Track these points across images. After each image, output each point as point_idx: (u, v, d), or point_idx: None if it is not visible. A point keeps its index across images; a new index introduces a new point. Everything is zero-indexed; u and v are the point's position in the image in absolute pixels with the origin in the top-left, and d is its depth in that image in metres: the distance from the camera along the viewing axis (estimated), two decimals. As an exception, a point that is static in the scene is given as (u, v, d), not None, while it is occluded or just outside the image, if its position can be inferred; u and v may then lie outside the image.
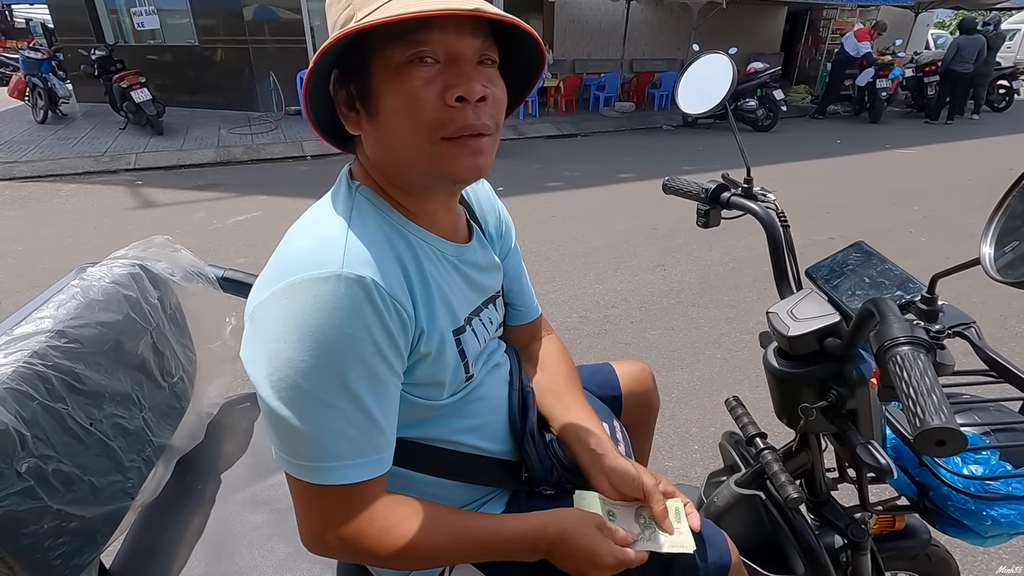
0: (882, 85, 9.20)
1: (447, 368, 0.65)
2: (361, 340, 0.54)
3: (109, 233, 4.10)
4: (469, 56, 0.57)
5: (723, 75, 0.96)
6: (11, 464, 0.65)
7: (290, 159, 6.55)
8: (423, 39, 0.55)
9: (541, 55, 0.64)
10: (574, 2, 10.63)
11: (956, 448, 0.44)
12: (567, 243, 3.87)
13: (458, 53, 0.56)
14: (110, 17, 9.14)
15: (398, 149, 0.60)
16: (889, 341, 0.52)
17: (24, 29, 16.56)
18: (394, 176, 0.63)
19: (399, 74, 0.56)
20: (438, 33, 0.55)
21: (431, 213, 0.67)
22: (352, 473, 0.57)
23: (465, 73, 0.56)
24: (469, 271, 0.72)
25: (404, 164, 0.61)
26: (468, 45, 0.57)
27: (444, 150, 0.58)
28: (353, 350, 0.54)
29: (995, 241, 0.52)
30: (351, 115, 0.61)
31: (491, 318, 0.76)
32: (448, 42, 0.56)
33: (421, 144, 0.58)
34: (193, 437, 1.06)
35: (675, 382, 2.34)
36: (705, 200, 1.00)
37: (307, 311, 0.53)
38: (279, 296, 0.54)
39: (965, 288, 2.98)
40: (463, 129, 0.57)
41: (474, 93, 0.56)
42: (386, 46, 0.56)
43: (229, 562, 0.83)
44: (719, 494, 0.96)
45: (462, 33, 0.56)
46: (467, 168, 0.60)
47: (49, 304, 0.84)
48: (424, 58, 0.56)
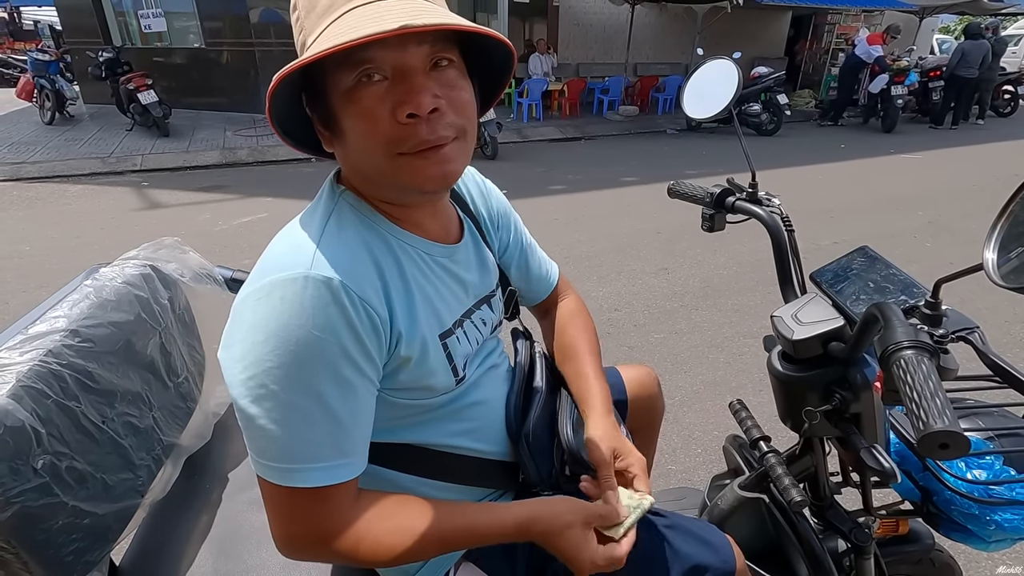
0: (897, 92, 8.76)
1: (433, 372, 0.65)
2: (326, 341, 0.54)
3: (115, 234, 4.12)
4: (417, 66, 0.56)
5: (728, 80, 0.97)
6: (27, 461, 0.66)
7: (295, 161, 6.58)
8: (367, 58, 0.54)
9: (508, 49, 0.63)
10: (578, 6, 10.66)
11: (959, 452, 0.45)
12: (570, 246, 3.89)
13: (405, 65, 0.55)
14: (117, 19, 9.20)
15: (363, 166, 0.61)
16: (893, 345, 0.52)
17: (32, 31, 16.69)
18: (369, 187, 0.64)
19: (349, 97, 0.56)
20: (381, 49, 0.54)
21: (417, 219, 0.68)
22: (315, 476, 0.56)
23: (414, 87, 0.55)
24: (460, 271, 0.72)
25: (372, 178, 0.62)
26: (414, 55, 0.56)
27: (404, 164, 0.58)
28: (318, 351, 0.54)
29: (998, 246, 0.52)
30: (325, 134, 0.62)
31: (484, 319, 0.76)
32: (392, 57, 0.55)
33: (381, 162, 0.58)
34: (201, 436, 1.07)
35: (679, 386, 2.35)
36: (710, 204, 1.01)
37: (274, 312, 0.53)
38: (250, 297, 0.55)
39: (969, 293, 2.98)
40: (418, 144, 0.57)
41: (423, 107, 0.55)
42: (334, 70, 0.55)
43: (236, 560, 0.84)
44: (723, 497, 0.96)
45: (405, 45, 0.55)
46: (431, 179, 0.59)
47: (63, 303, 0.85)
48: (372, 75, 0.55)
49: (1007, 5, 11.41)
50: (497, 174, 0.64)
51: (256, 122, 8.12)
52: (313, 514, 0.58)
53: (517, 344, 0.85)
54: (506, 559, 0.72)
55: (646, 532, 0.76)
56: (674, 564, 0.73)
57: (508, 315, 0.86)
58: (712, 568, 0.75)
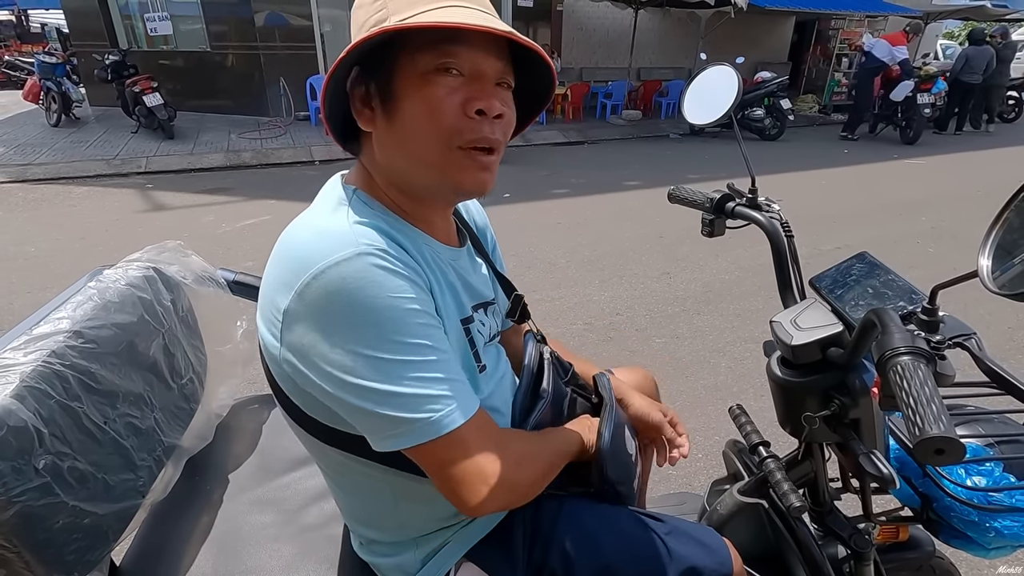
0: (924, 100, 8.05)
1: (460, 356, 0.67)
2: (403, 300, 0.56)
3: (120, 236, 4.14)
4: (491, 75, 0.61)
5: (729, 86, 0.97)
6: (30, 460, 0.66)
7: (299, 164, 6.61)
8: (452, 51, 0.58)
9: (551, 85, 0.68)
10: (582, 10, 10.69)
11: (955, 457, 0.45)
12: (573, 250, 3.88)
13: (482, 70, 0.60)
14: (124, 23, 9.27)
15: (411, 151, 0.62)
16: (890, 351, 0.52)
17: (40, 34, 16.80)
18: (398, 178, 0.65)
19: (424, 80, 0.59)
20: (467, 49, 0.58)
21: (428, 217, 0.69)
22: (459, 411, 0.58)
23: (487, 89, 0.60)
24: (464, 274, 0.74)
25: (413, 167, 0.63)
26: (492, 65, 0.61)
27: (456, 159, 0.61)
28: (402, 311, 0.56)
29: (993, 253, 0.53)
30: (366, 111, 0.63)
31: (483, 320, 0.77)
32: (475, 58, 0.59)
33: (436, 149, 0.60)
34: (202, 438, 1.08)
35: (679, 390, 2.34)
36: (710, 210, 1.01)
37: (344, 293, 0.54)
38: (305, 293, 0.55)
39: (972, 300, 2.97)
40: (478, 140, 0.60)
41: (494, 108, 0.60)
42: (416, 51, 0.58)
43: (236, 561, 0.84)
44: (722, 502, 0.96)
45: (488, 53, 0.60)
46: (473, 181, 0.63)
47: (67, 305, 0.86)
48: (450, 69, 0.59)
49: (1012, 11, 11.41)
50: (501, 177, 0.66)
51: (260, 125, 8.17)
52: (480, 447, 0.59)
53: (528, 346, 0.86)
54: (506, 559, 0.72)
55: (642, 533, 0.76)
56: (669, 566, 0.73)
57: (517, 319, 0.88)
58: (708, 570, 0.75)
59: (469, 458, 0.59)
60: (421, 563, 0.73)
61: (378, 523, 0.74)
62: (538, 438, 0.72)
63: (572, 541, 0.73)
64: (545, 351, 0.86)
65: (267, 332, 0.61)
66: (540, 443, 0.71)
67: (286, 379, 0.63)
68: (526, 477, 0.65)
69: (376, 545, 0.76)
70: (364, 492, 0.71)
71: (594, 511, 0.77)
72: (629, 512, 0.79)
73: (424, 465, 0.60)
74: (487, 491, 0.59)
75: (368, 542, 0.77)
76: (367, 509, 0.74)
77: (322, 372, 0.56)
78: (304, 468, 1.01)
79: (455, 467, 0.59)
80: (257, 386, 1.18)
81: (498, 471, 0.60)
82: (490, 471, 0.59)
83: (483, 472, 0.59)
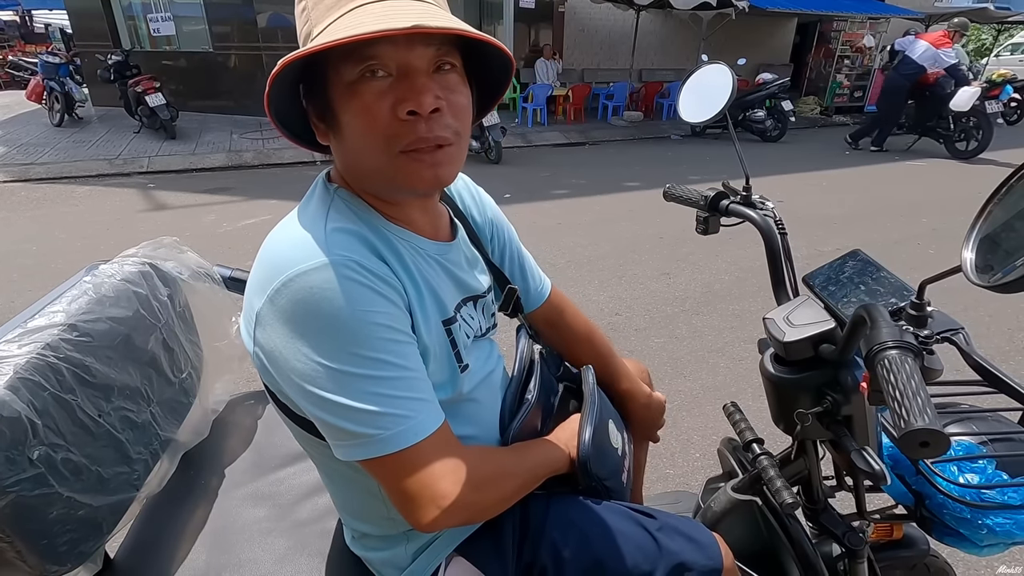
0: (993, 109, 7.02)
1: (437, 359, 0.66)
2: (371, 314, 0.56)
3: (121, 235, 4.16)
4: (422, 67, 0.57)
5: (723, 85, 0.98)
6: (23, 451, 0.67)
7: (300, 164, 6.63)
8: (373, 54, 0.55)
9: (507, 58, 0.64)
10: (584, 12, 10.71)
11: (939, 449, 0.45)
12: (573, 250, 3.89)
13: (409, 65, 0.57)
14: (127, 23, 9.32)
15: (360, 161, 0.62)
16: (878, 345, 0.53)
17: (43, 34, 16.90)
18: (363, 183, 0.65)
19: (352, 90, 0.57)
20: (388, 47, 0.55)
21: (408, 215, 0.69)
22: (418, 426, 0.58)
23: (416, 86, 0.56)
24: (453, 269, 0.73)
25: (367, 175, 0.63)
26: (420, 56, 0.57)
27: (402, 163, 0.59)
28: (365, 323, 0.55)
29: (976, 246, 0.53)
30: (320, 126, 0.62)
31: (472, 315, 0.76)
32: (398, 55, 0.56)
33: (379, 158, 0.59)
34: (198, 433, 1.08)
35: (678, 390, 2.34)
36: (704, 207, 1.02)
37: (309, 303, 0.54)
38: (275, 298, 0.56)
39: (973, 301, 2.96)
40: (417, 142, 0.58)
41: (425, 106, 0.56)
42: (338, 63, 0.56)
43: (230, 555, 0.85)
44: (716, 499, 0.96)
45: (412, 45, 0.56)
46: (425, 180, 0.60)
47: (62, 299, 0.86)
48: (375, 71, 0.56)
49: (1014, 13, 11.40)
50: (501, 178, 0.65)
51: (262, 125, 8.19)
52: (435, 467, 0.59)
53: (519, 342, 0.86)
54: (496, 554, 0.72)
55: (631, 529, 0.76)
56: (659, 561, 0.73)
57: (509, 312, 0.87)
58: (698, 565, 0.75)
59: (422, 477, 0.58)
60: (412, 557, 0.73)
61: (369, 517, 0.74)
62: (512, 457, 0.71)
63: (562, 536, 0.73)
64: (536, 349, 0.86)
65: (245, 330, 0.62)
66: (513, 462, 0.70)
67: (266, 376, 0.63)
68: (487, 498, 0.64)
69: (368, 539, 0.76)
70: (355, 486, 0.72)
71: (584, 507, 0.77)
72: (619, 508, 0.79)
73: (377, 478, 0.60)
74: (437, 512, 0.58)
75: (360, 536, 0.77)
76: (358, 503, 0.74)
77: (285, 377, 0.57)
78: (298, 464, 1.02)
79: (406, 484, 0.58)
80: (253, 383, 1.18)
81: (452, 493, 0.59)
82: (442, 492, 0.58)
83: (434, 492, 0.58)
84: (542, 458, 0.74)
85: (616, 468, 0.82)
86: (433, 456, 0.59)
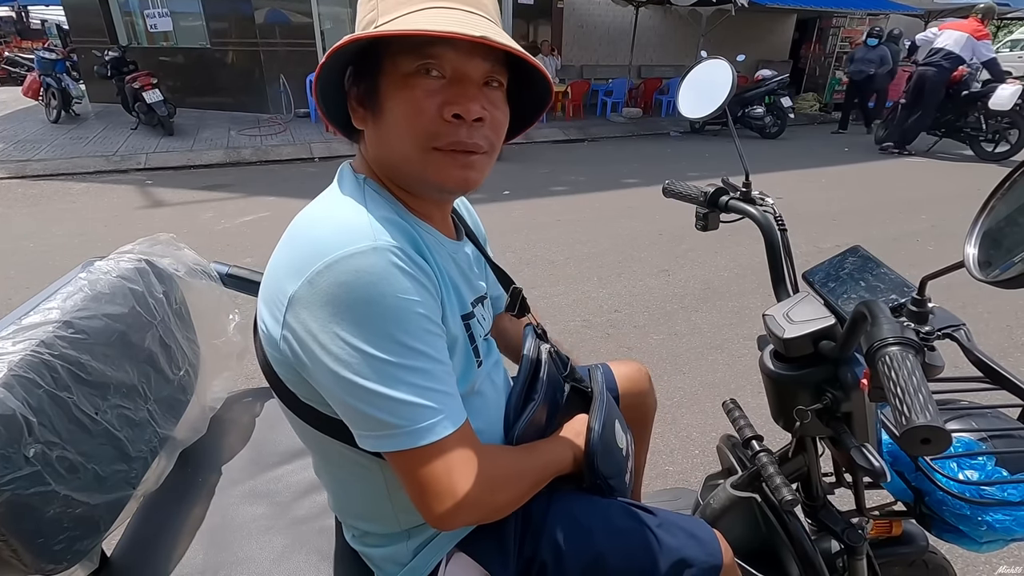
0: None
1: (457, 354, 0.67)
2: (411, 303, 0.56)
3: (118, 231, 4.14)
4: (475, 77, 0.60)
5: (723, 80, 0.97)
6: (19, 449, 0.66)
7: (298, 161, 6.61)
8: (433, 53, 0.58)
9: (548, 87, 0.67)
10: (583, 8, 10.68)
11: (941, 446, 0.45)
12: (572, 247, 3.88)
13: (464, 72, 0.59)
14: (124, 19, 9.27)
15: (393, 150, 0.63)
16: (879, 342, 0.52)
17: (39, 30, 16.79)
18: (391, 173, 0.66)
19: (405, 82, 0.59)
20: (449, 50, 0.58)
21: (428, 211, 0.70)
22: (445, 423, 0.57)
23: (467, 93, 0.59)
24: (464, 268, 0.74)
25: (398, 165, 0.64)
26: (476, 67, 0.60)
27: (434, 159, 0.61)
28: (407, 312, 0.56)
29: (979, 242, 0.53)
30: (359, 110, 0.64)
31: (483, 313, 0.78)
32: (457, 60, 0.59)
33: (413, 150, 0.61)
34: (196, 430, 1.07)
35: (677, 387, 2.34)
36: (704, 203, 1.01)
37: (354, 286, 0.54)
38: (316, 280, 0.55)
39: (972, 298, 2.96)
40: (454, 144, 0.60)
41: (471, 113, 0.59)
42: (398, 54, 0.59)
43: (227, 552, 0.84)
44: (715, 496, 0.96)
45: (472, 55, 0.59)
46: (455, 179, 0.62)
47: (57, 296, 0.86)
48: (431, 71, 0.59)
49: (1014, 8, 11.39)
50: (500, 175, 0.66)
51: (260, 122, 8.17)
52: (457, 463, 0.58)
53: (527, 340, 0.86)
54: (498, 550, 0.72)
55: (632, 525, 0.76)
56: (659, 557, 0.74)
57: (516, 313, 0.89)
58: (698, 562, 0.75)
59: (444, 472, 0.58)
60: (413, 553, 0.73)
61: (371, 513, 0.74)
62: (524, 456, 0.71)
63: (563, 532, 0.73)
64: (543, 348, 0.85)
65: (269, 315, 0.61)
66: (524, 461, 0.71)
67: (282, 366, 0.63)
68: (500, 499, 0.65)
69: (369, 536, 0.76)
70: (358, 482, 0.71)
71: (585, 503, 0.78)
72: (620, 504, 0.79)
73: (399, 470, 0.60)
74: (454, 507, 0.58)
75: (361, 534, 0.77)
76: (361, 499, 0.74)
77: (318, 362, 0.56)
78: (296, 461, 1.01)
79: (428, 478, 0.58)
80: (251, 380, 1.17)
81: (470, 491, 0.59)
82: (461, 489, 0.58)
83: (454, 489, 0.58)
84: (550, 458, 0.74)
85: (620, 467, 0.83)
86: (457, 451, 0.59)
